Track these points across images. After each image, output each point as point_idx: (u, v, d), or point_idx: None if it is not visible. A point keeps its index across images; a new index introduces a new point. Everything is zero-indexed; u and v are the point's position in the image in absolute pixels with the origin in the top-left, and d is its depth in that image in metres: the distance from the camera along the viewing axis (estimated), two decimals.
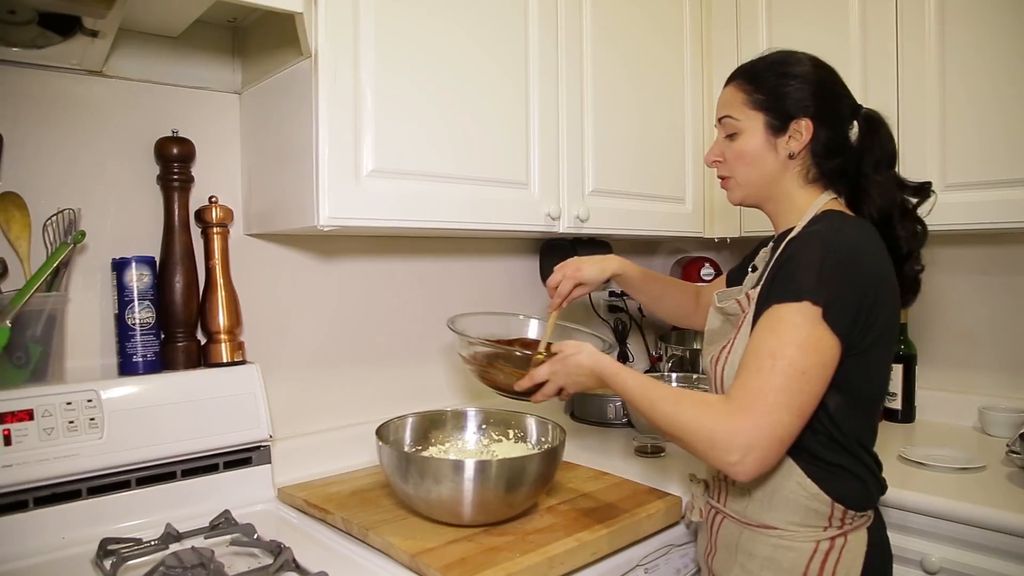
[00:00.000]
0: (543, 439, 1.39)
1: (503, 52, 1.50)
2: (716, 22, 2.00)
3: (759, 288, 1.11)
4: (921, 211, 1.20)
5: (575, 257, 1.49)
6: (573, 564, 1.15)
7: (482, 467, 1.15)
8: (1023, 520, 1.26)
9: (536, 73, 1.55)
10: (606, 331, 2.20)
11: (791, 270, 1.04)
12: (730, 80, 1.24)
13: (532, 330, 1.60)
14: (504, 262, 1.97)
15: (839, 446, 1.08)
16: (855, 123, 1.19)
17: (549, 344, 1.37)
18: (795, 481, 1.08)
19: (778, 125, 1.16)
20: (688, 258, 2.21)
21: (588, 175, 1.66)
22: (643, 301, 1.60)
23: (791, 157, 1.16)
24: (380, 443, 1.22)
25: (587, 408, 1.98)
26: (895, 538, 1.39)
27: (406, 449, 1.34)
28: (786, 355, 0.99)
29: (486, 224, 1.47)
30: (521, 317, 1.62)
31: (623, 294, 2.17)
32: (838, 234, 1.05)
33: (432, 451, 1.40)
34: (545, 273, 1.99)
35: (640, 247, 2.34)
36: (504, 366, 1.32)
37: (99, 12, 1.11)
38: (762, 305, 1.06)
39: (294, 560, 1.12)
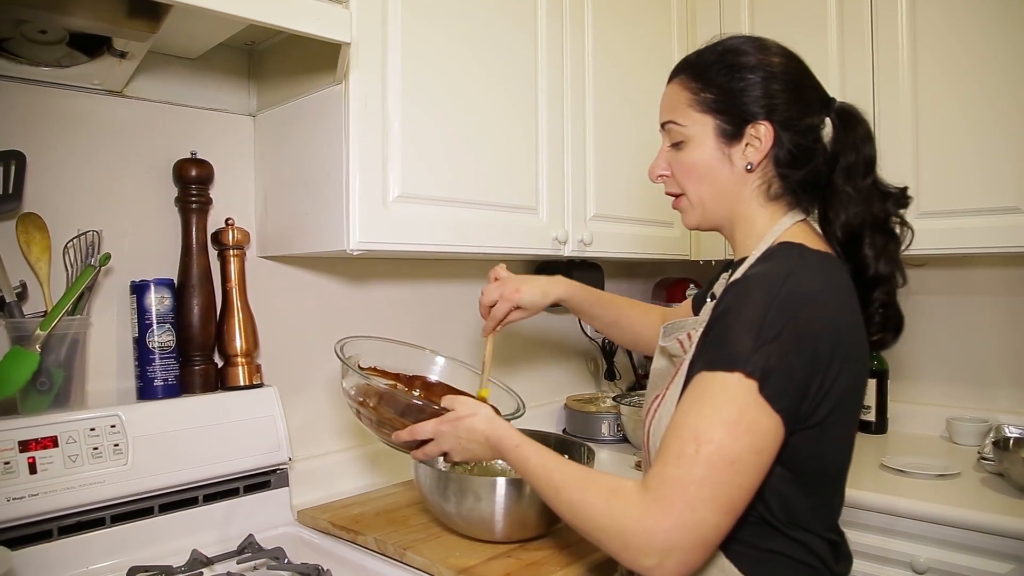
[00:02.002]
0: (568, 458, 1.42)
1: (515, 85, 1.55)
2: None
3: (701, 332, 0.93)
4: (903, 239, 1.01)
5: (517, 276, 1.37)
6: (608, 574, 1.19)
7: (522, 484, 1.18)
8: (1002, 520, 1.37)
9: (544, 106, 1.61)
10: (582, 357, 2.26)
11: (725, 328, 0.85)
12: (673, 76, 1.04)
13: (437, 369, 1.47)
14: None
15: (773, 530, 0.90)
16: (827, 120, 1.00)
17: (460, 392, 1.26)
18: (713, 563, 0.91)
19: (731, 131, 0.97)
20: (671, 280, 2.30)
21: (590, 201, 1.73)
22: (596, 327, 1.46)
23: (749, 169, 0.97)
24: (418, 462, 1.24)
25: (577, 425, 2.03)
26: (885, 542, 1.50)
27: (440, 467, 1.35)
28: (712, 439, 0.80)
29: (500, 248, 1.52)
30: (427, 352, 1.47)
31: None
32: (787, 281, 0.85)
33: (456, 470, 1.41)
34: None
35: (625, 269, 2.42)
36: (386, 410, 1.16)
37: (141, 36, 1.11)
38: (691, 367, 0.89)
39: None
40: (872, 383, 1.98)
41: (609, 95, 1.79)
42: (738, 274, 0.93)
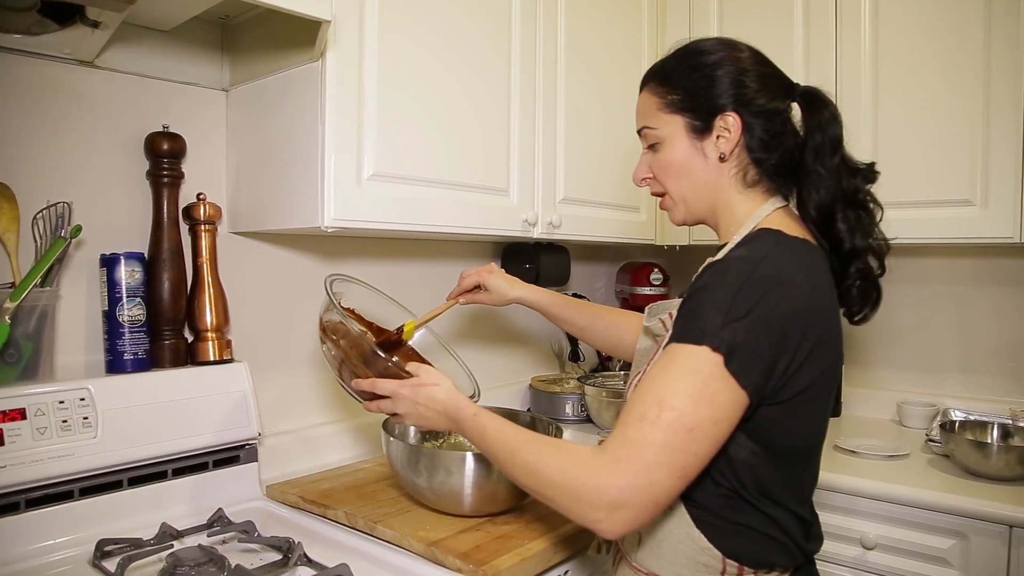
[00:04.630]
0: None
1: (490, 69, 1.57)
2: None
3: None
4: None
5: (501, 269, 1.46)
6: (575, 547, 1.23)
7: None
8: (946, 498, 1.45)
9: (517, 89, 1.63)
10: (546, 339, 2.29)
11: (697, 304, 0.89)
12: (643, 85, 1.11)
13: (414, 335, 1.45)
14: (468, 265, 2.00)
15: (744, 503, 0.93)
16: (794, 105, 1.04)
17: (406, 330, 1.31)
18: (684, 531, 0.95)
19: (700, 125, 1.02)
20: (636, 263, 2.34)
21: (560, 184, 1.76)
22: (570, 331, 1.50)
23: (723, 159, 1.01)
24: (389, 437, 1.26)
25: (542, 405, 2.06)
26: (838, 519, 1.56)
27: (411, 441, 1.37)
28: (675, 407, 0.84)
29: (471, 228, 1.54)
30: (409, 316, 1.46)
31: (576, 296, 2.28)
32: (760, 265, 0.89)
33: (426, 446, 1.44)
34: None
35: (591, 252, 2.45)
36: (352, 354, 1.18)
37: (120, 6, 1.10)
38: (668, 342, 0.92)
39: (305, 555, 1.15)
40: None
41: (580, 82, 1.81)
42: (718, 256, 0.96)
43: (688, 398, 0.84)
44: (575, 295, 2.26)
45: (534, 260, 1.97)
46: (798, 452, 0.96)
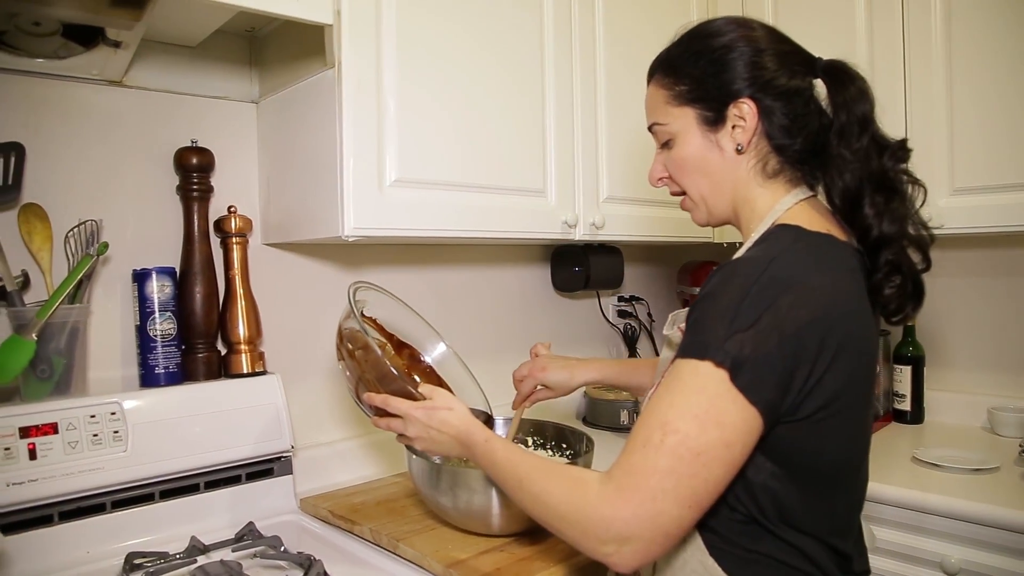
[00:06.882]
0: (565, 447, 1.39)
1: (520, 64, 1.51)
2: None
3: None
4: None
5: (551, 355, 1.36)
6: (603, 572, 1.15)
7: None
8: None
9: (552, 83, 1.56)
10: (603, 344, 2.21)
11: (702, 314, 0.81)
12: (649, 77, 1.02)
13: (434, 353, 1.41)
14: (516, 270, 1.97)
15: (762, 530, 0.85)
16: (818, 82, 0.94)
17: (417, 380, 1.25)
18: (697, 559, 0.87)
19: (713, 116, 0.93)
20: (695, 263, 2.22)
21: (603, 182, 1.67)
22: (635, 394, 1.40)
23: (740, 151, 0.93)
24: (411, 455, 1.22)
25: (598, 413, 1.98)
26: (914, 540, 1.42)
27: (435, 459, 1.33)
28: (679, 429, 0.77)
29: (505, 232, 1.48)
30: (433, 334, 1.41)
31: (632, 299, 2.19)
32: (771, 265, 0.80)
33: (456, 460, 1.39)
34: (556, 280, 2.00)
35: (646, 253, 2.35)
36: (368, 368, 1.14)
37: (127, 24, 1.11)
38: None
39: (325, 572, 1.12)
40: (907, 370, 1.88)
41: (623, 72, 1.72)
42: (737, 255, 0.88)
43: (693, 419, 0.77)
44: (632, 298, 2.19)
45: (583, 263, 1.90)
46: (825, 474, 0.86)
